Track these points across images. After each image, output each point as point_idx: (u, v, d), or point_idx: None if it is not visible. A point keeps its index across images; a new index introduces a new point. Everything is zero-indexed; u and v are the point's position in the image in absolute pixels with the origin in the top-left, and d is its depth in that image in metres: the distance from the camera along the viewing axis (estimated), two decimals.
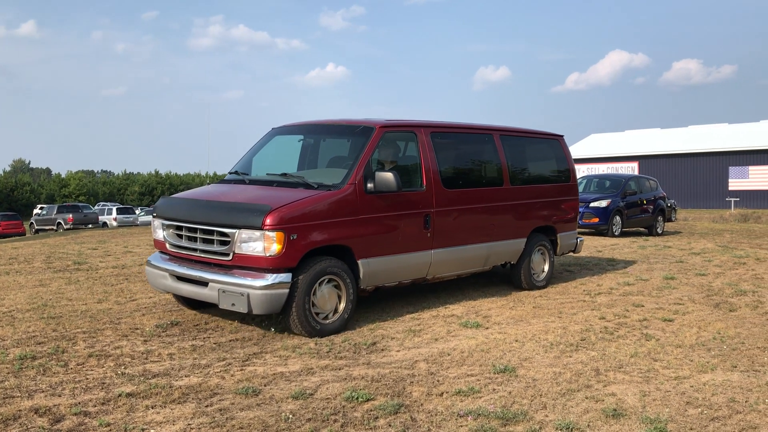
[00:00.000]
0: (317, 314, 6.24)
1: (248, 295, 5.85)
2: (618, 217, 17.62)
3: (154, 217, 7.02)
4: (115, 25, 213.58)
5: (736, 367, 5.29)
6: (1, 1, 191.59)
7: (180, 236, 6.60)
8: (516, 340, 6.06)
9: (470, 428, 3.99)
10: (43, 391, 4.54)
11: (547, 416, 4.20)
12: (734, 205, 43.48)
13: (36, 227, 42.07)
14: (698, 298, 8.21)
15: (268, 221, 5.87)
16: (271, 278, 5.90)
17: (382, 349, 5.78)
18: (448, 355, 5.59)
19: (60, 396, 4.45)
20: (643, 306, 7.65)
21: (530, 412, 4.26)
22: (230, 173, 7.60)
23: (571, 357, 5.54)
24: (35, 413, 4.13)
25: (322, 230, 6.23)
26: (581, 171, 44.33)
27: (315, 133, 7.96)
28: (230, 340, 6.02)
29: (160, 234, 6.85)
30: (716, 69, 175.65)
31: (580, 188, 19.56)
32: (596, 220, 17.22)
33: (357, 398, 4.46)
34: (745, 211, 39.59)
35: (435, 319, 6.98)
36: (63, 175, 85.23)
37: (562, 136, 9.77)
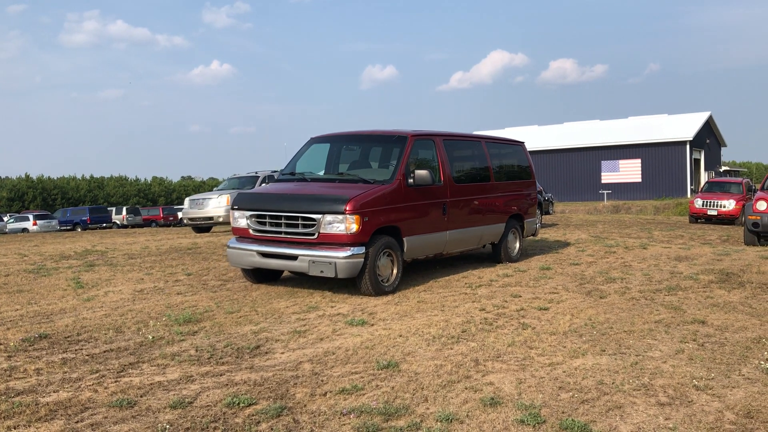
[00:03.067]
0: (379, 277, 8.12)
1: (335, 263, 7.71)
2: None
3: (234, 209, 8.71)
4: None
5: (604, 351, 5.60)
6: None
7: (263, 223, 8.36)
8: (400, 336, 6.14)
9: (353, 426, 3.99)
10: None
11: (428, 409, 4.27)
12: (606, 197, 46.16)
13: None
14: (572, 286, 8.64)
15: (348, 207, 7.75)
16: (351, 250, 7.77)
17: (266, 352, 5.69)
18: (333, 354, 5.58)
19: None
20: (520, 296, 7.96)
21: (412, 406, 4.32)
22: (282, 174, 9.47)
23: (452, 349, 5.67)
24: None
25: (382, 214, 8.13)
26: None
27: (349, 142, 9.97)
28: (104, 351, 5.74)
29: (242, 222, 8.59)
30: (590, 68, 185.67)
31: None
32: None
33: (238, 404, 4.37)
34: (617, 203, 42.13)
35: (321, 318, 6.95)
36: None
37: (523, 142, 12.27)
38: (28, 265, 11.69)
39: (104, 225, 43.28)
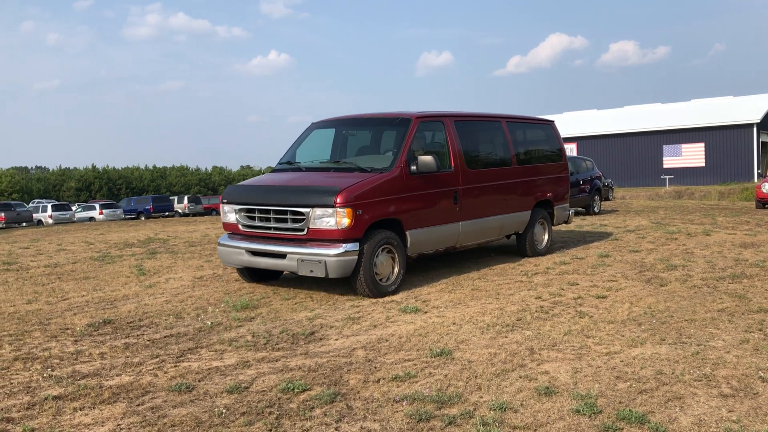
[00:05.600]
0: (377, 276, 7.38)
1: (325, 262, 6.97)
2: None
3: (224, 203, 8.02)
4: (46, 15, 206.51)
5: (664, 340, 5.45)
6: None
7: (252, 218, 7.69)
8: (453, 323, 6.11)
9: (406, 413, 4.00)
10: None
11: (481, 397, 4.25)
12: (669, 183, 44.89)
13: None
14: (631, 274, 8.44)
15: (339, 200, 7.00)
16: (343, 247, 7.03)
17: (321, 339, 5.75)
18: (386, 341, 5.60)
19: None
20: (578, 284, 7.81)
21: (465, 394, 4.30)
22: (280, 163, 8.68)
23: (506, 337, 5.61)
24: None
25: (379, 206, 7.36)
26: None
27: (353, 126, 9.12)
28: (165, 337, 5.90)
29: (232, 217, 7.93)
30: (652, 50, 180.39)
31: None
32: None
33: (293, 389, 4.42)
34: (679, 188, 40.92)
35: (374, 305, 6.98)
36: None
37: (553, 121, 11.20)
38: (94, 253, 12.10)
39: (166, 214, 44.42)
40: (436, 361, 5.01)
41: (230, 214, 7.94)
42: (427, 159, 7.71)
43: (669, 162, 48.32)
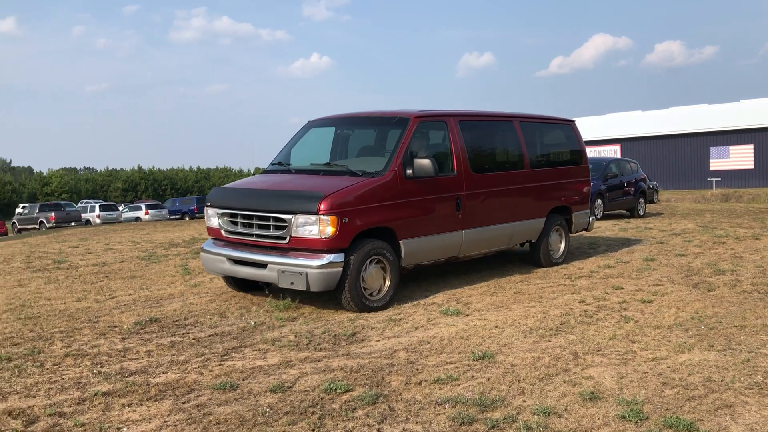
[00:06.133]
0: (365, 290, 6.80)
1: (306, 274, 6.45)
2: (599, 200, 17.68)
3: (208, 206, 7.53)
4: (96, 20, 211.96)
5: (713, 346, 5.33)
6: None
7: (235, 223, 7.19)
8: (496, 327, 6.07)
9: (448, 416, 3.99)
10: (17, 393, 4.49)
11: (524, 401, 4.21)
12: (715, 185, 43.86)
13: (18, 226, 41.65)
14: (677, 278, 8.27)
15: (322, 206, 6.46)
16: (326, 258, 6.49)
17: (362, 340, 5.77)
18: (428, 343, 5.59)
19: (35, 397, 4.41)
20: (622, 288, 7.69)
21: (508, 398, 4.27)
22: (272, 164, 8.15)
23: (550, 341, 5.56)
24: (9, 416, 4.08)
25: (368, 214, 6.80)
26: None
27: (350, 125, 8.56)
28: (209, 335, 5.99)
29: (215, 222, 7.43)
30: (698, 50, 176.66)
31: None
32: None
33: (335, 390, 4.45)
34: (727, 191, 39.95)
35: (416, 307, 6.98)
36: (45, 173, 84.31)
37: (573, 121, 10.36)
38: (141, 252, 12.36)
39: None
40: (478, 364, 4.98)
41: (213, 218, 7.46)
42: (424, 162, 7.10)
43: (716, 164, 47.23)
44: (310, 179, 7.27)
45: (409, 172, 7.12)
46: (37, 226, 39.10)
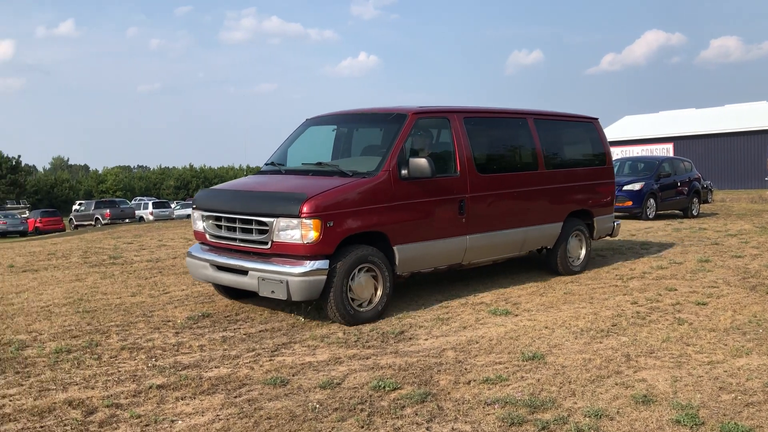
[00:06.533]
0: (353, 301, 6.32)
1: (287, 282, 5.98)
2: (652, 200, 17.33)
3: (194, 208, 7.21)
4: (149, 21, 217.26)
5: None
6: (41, 2, 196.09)
7: (219, 227, 6.76)
8: (546, 327, 6.01)
9: (497, 416, 3.96)
10: (77, 384, 4.63)
11: (575, 403, 4.16)
12: None
13: (75, 223, 42.98)
14: (734, 280, 8.04)
15: (305, 209, 6.00)
16: (309, 265, 6.01)
17: (410, 338, 5.78)
18: (477, 343, 5.57)
19: (93, 389, 4.55)
20: (676, 290, 7.52)
21: (559, 400, 4.22)
22: (266, 164, 7.76)
23: (601, 343, 5.47)
24: (69, 405, 4.22)
25: (357, 217, 6.33)
26: (615, 153, 43.69)
27: (348, 123, 8.07)
28: (260, 331, 6.08)
29: (200, 225, 7.03)
30: (757, 45, 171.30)
31: None
32: (630, 203, 16.96)
33: (384, 387, 4.47)
34: None
35: (464, 307, 6.95)
36: (100, 171, 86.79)
37: (596, 118, 9.66)
38: None
39: None
40: (528, 364, 4.94)
41: (198, 221, 7.06)
42: (420, 162, 6.58)
43: None
44: (297, 180, 6.89)
45: (404, 172, 6.61)
46: (93, 223, 40.25)
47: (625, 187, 17.07)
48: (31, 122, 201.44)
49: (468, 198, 7.28)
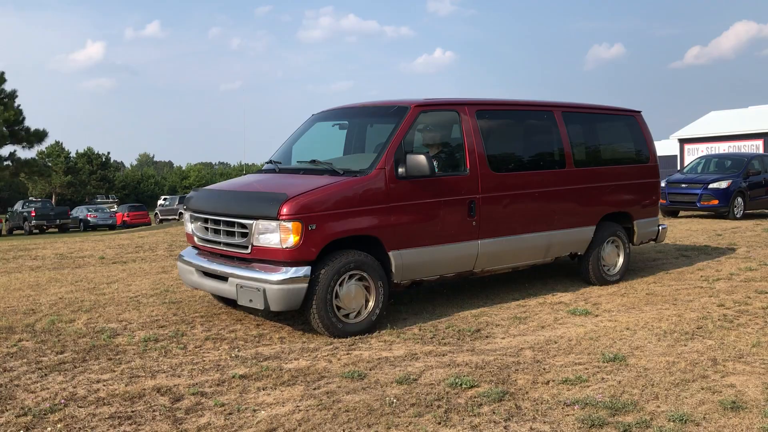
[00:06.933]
0: (340, 311, 5.80)
1: (264, 291, 5.54)
2: (740, 199, 16.61)
3: (184, 209, 6.93)
4: (231, 21, 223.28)
5: None
6: (129, 4, 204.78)
7: (206, 229, 6.36)
8: (627, 328, 5.86)
9: (577, 417, 3.90)
10: (164, 372, 4.83)
11: (658, 407, 4.05)
12: None
13: (160, 217, 44.67)
14: None
15: (284, 210, 5.54)
16: (288, 272, 5.55)
17: (487, 336, 5.75)
18: (555, 342, 5.49)
19: (179, 377, 4.73)
20: (766, 292, 7.19)
21: (641, 403, 4.12)
22: (267, 162, 7.31)
23: (686, 346, 5.30)
24: (157, 392, 4.41)
25: (345, 220, 5.80)
26: (699, 151, 42.12)
27: (353, 117, 7.48)
28: None
29: (189, 227, 6.69)
30: None
31: (698, 169, 18.57)
32: (716, 202, 16.31)
33: (461, 385, 4.47)
34: None
35: (542, 306, 6.86)
36: (183, 168, 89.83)
37: (638, 112, 8.86)
38: None
39: None
40: (608, 366, 4.84)
41: (188, 223, 6.70)
42: (418, 159, 6.00)
43: None
44: (285, 179, 6.45)
45: (401, 170, 6.04)
46: (177, 217, 41.69)
47: (711, 185, 16.45)
48: (120, 120, 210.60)
49: (479, 199, 6.65)
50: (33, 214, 37.39)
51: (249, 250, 5.81)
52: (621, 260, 8.17)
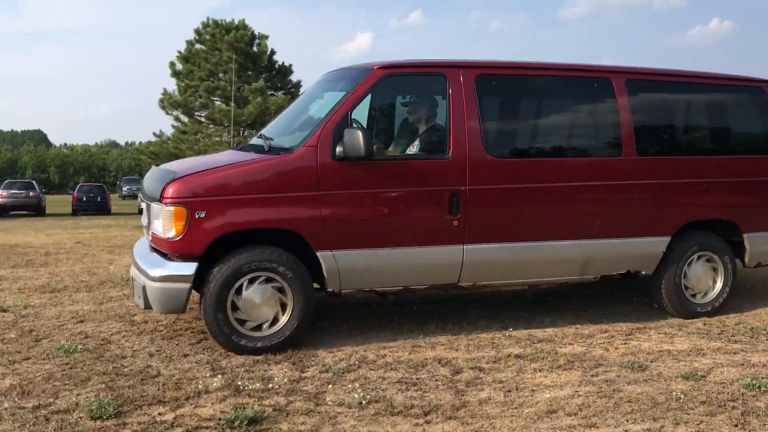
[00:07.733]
0: (245, 324, 4.75)
1: (144, 287, 4.74)
2: None
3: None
4: (490, 4, 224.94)
5: None
6: None
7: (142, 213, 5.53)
8: None
9: None
10: (443, 345, 5.07)
11: None
12: None
13: None
14: None
15: (168, 192, 4.63)
16: (168, 268, 4.68)
17: None
18: None
19: (457, 350, 4.93)
20: None
21: None
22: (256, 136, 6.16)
23: None
24: (438, 363, 4.65)
25: (249, 208, 4.72)
26: None
27: (329, 82, 5.91)
28: (611, 313, 5.99)
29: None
30: None
31: None
32: None
33: (759, 387, 4.09)
34: None
35: None
36: None
37: (765, 81, 6.28)
38: None
39: None
40: None
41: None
42: (353, 135, 4.69)
43: None
44: (214, 157, 5.59)
45: (339, 150, 4.76)
46: None
47: None
48: None
49: (466, 191, 5.08)
50: None
51: (150, 239, 5.08)
52: (719, 285, 5.92)
